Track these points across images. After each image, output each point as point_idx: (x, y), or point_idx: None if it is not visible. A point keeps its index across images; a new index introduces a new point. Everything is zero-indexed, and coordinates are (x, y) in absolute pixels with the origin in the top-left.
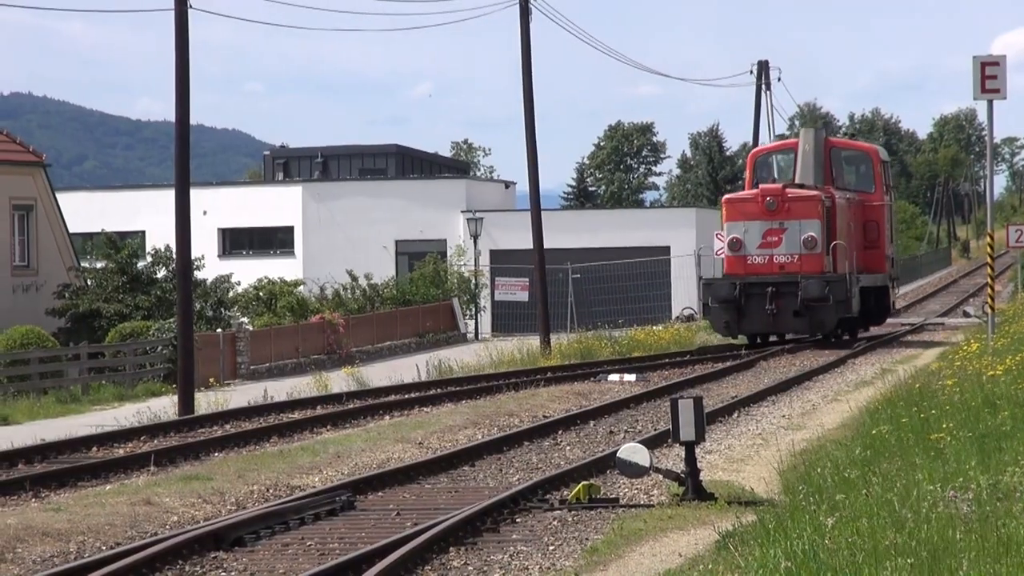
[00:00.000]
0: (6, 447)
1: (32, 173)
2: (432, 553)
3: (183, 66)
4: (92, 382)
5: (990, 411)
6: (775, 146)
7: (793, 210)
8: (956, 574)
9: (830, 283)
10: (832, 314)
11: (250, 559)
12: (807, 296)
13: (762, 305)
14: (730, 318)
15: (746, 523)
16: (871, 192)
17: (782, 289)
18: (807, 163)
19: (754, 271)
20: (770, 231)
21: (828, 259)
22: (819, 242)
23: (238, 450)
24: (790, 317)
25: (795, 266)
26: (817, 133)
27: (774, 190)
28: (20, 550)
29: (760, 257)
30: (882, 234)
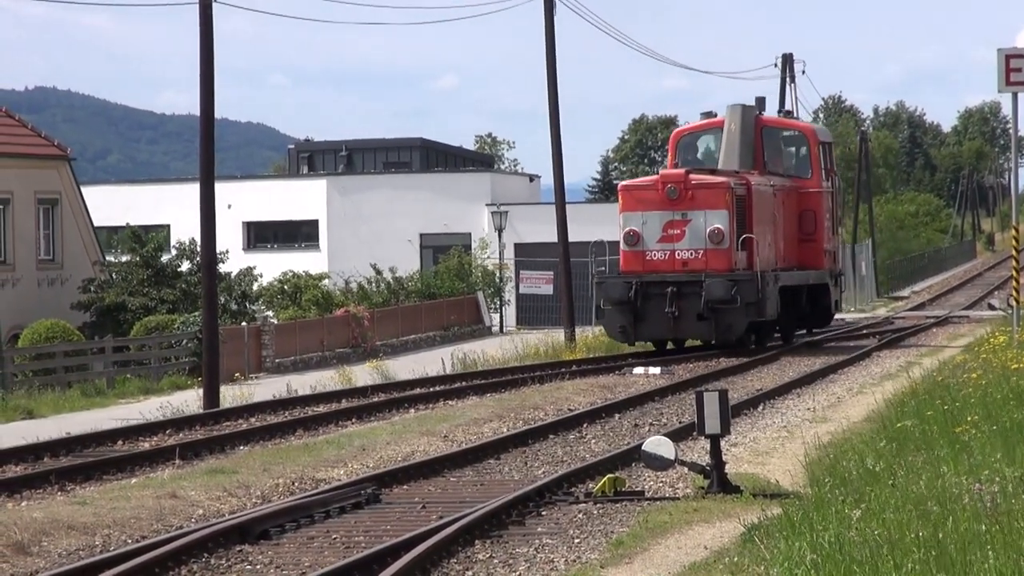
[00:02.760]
0: (32, 440)
1: (57, 167)
2: (458, 546)
3: (207, 60)
4: (117, 376)
5: (1016, 404)
6: (701, 125)
7: (698, 199)
8: (982, 567)
9: (738, 282)
10: (740, 317)
11: (275, 552)
12: (711, 297)
13: (662, 307)
14: (626, 322)
15: (771, 516)
16: (808, 177)
17: (684, 289)
18: (732, 144)
19: (653, 268)
20: (672, 223)
21: (738, 255)
22: (727, 235)
23: (263, 443)
24: (693, 321)
25: (699, 263)
26: (746, 111)
27: (676, 176)
28: (46, 543)
29: (660, 252)
30: (820, 225)
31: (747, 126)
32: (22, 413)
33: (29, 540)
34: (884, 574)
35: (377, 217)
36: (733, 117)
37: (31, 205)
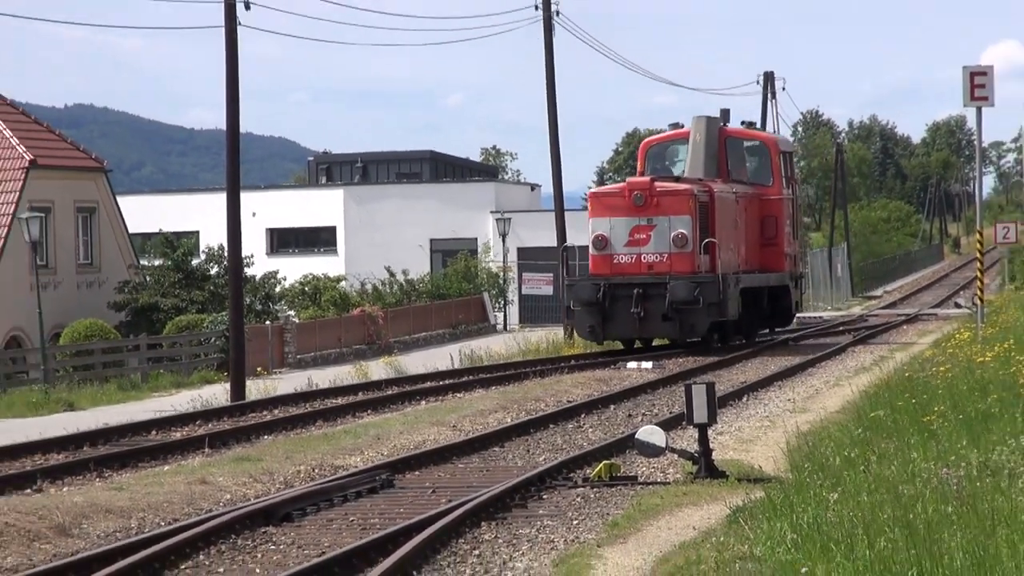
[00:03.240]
0: (72, 431)
1: (94, 178)
2: (465, 527)
3: (233, 78)
4: (151, 371)
5: (979, 395)
6: (668, 136)
7: (662, 205)
8: (949, 545)
9: (701, 284)
10: (703, 317)
11: (297, 533)
12: (675, 298)
13: (628, 308)
14: (594, 322)
15: (755, 499)
16: (769, 185)
17: (650, 291)
18: (697, 154)
19: (620, 271)
20: (638, 228)
21: (701, 258)
22: (690, 239)
23: (286, 433)
24: (658, 321)
25: (664, 266)
26: (710, 122)
27: (641, 183)
28: (85, 526)
29: (627, 256)
30: (780, 230)
31: (711, 137)
32: (63, 405)
33: (70, 523)
34: (859, 552)
35: (390, 224)
36: (698, 128)
37: (71, 213)
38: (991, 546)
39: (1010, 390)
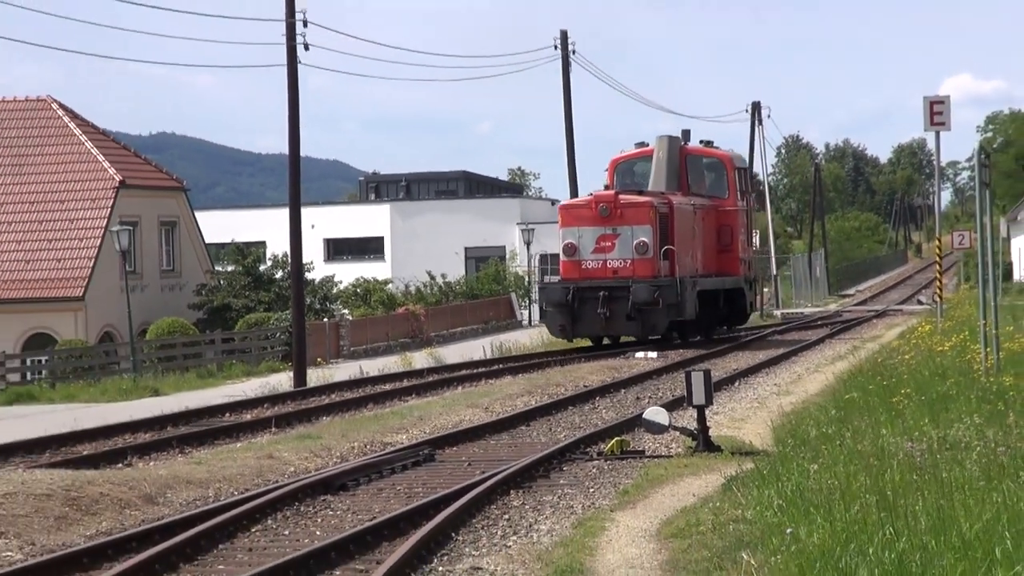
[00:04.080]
0: (157, 413)
1: (175, 196)
2: (496, 495)
3: (294, 109)
4: (224, 361)
5: (939, 379)
6: (634, 153)
7: (626, 216)
8: (914, 508)
9: (661, 287)
10: (663, 317)
11: (352, 501)
12: (637, 300)
13: (595, 309)
14: (565, 322)
15: (746, 469)
16: (725, 198)
17: (614, 293)
18: (660, 170)
19: (588, 275)
20: (603, 236)
21: (662, 263)
22: (651, 247)
23: (341, 414)
24: (623, 320)
25: (627, 270)
26: (672, 141)
27: (607, 196)
28: (169, 495)
29: (594, 262)
30: (735, 238)
31: (673, 154)
32: (150, 391)
33: (156, 492)
34: (837, 515)
35: (430, 234)
36: (661, 146)
37: (155, 226)
38: (949, 509)
39: (965, 375)
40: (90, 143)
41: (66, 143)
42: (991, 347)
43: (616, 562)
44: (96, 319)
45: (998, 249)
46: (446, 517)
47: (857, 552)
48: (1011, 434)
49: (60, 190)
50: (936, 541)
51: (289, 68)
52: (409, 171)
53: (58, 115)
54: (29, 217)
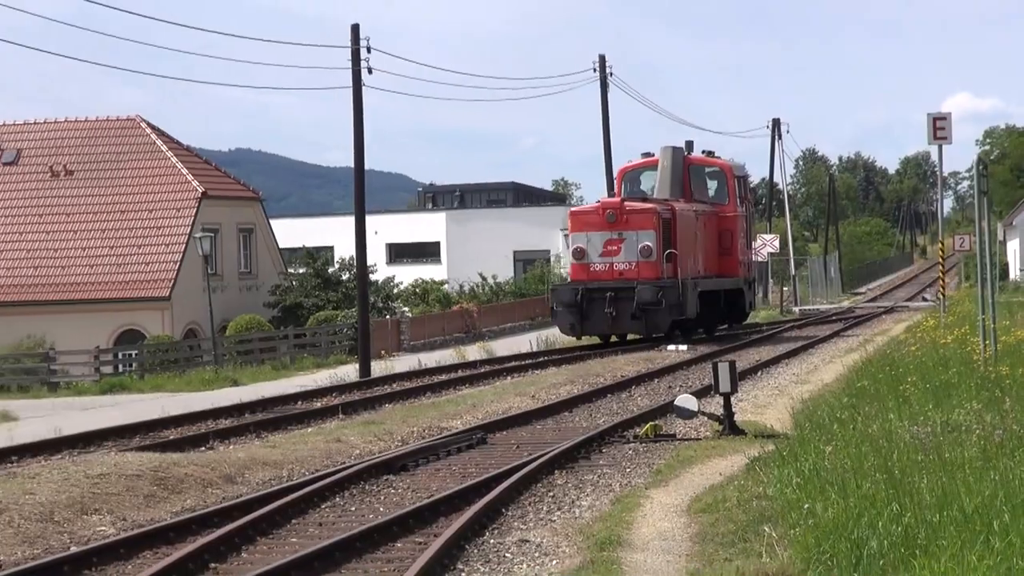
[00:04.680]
0: (236, 401)
1: (252, 206)
2: (542, 474)
3: (359, 126)
4: (296, 355)
5: (942, 368)
6: (642, 163)
7: (631, 221)
8: (919, 486)
9: (663, 288)
10: (665, 316)
11: (412, 480)
12: (641, 300)
13: (602, 308)
14: (574, 320)
15: (767, 451)
16: (726, 204)
17: (620, 294)
18: (665, 178)
19: (596, 277)
20: (610, 241)
21: (665, 266)
22: (654, 250)
23: (402, 402)
24: (628, 319)
25: (632, 273)
26: (675, 152)
27: (613, 203)
28: (247, 475)
29: (601, 264)
30: (735, 242)
31: (676, 163)
32: (229, 382)
33: (235, 473)
34: (850, 491)
35: (482, 239)
36: (665, 156)
37: (234, 233)
38: (951, 486)
39: (966, 365)
40: (175, 158)
41: (154, 158)
42: (989, 340)
43: (650, 535)
44: (181, 316)
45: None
46: (497, 495)
47: (868, 525)
48: (1007, 418)
49: (148, 200)
50: (939, 515)
51: (354, 90)
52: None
53: (146, 133)
54: (120, 225)
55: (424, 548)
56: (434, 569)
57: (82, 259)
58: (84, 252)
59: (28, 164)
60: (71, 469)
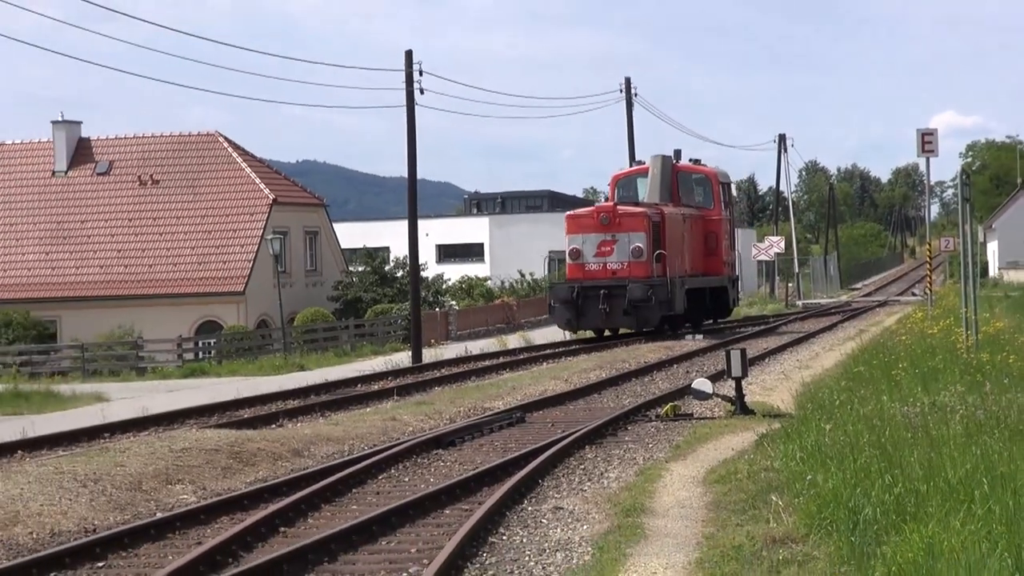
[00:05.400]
0: (303, 384)
1: (316, 211)
2: (574, 448)
3: (412, 140)
4: (356, 343)
5: (929, 356)
6: (633, 170)
7: (623, 224)
8: (908, 459)
9: (653, 286)
10: (655, 312)
11: (459, 454)
12: (632, 297)
13: (596, 305)
14: (571, 316)
15: (774, 429)
16: (711, 208)
17: (613, 291)
18: (654, 184)
19: (590, 276)
20: (604, 242)
21: (654, 265)
22: (645, 251)
23: (450, 385)
24: (620, 315)
25: (624, 272)
26: (664, 160)
27: (607, 207)
28: (312, 449)
29: (596, 264)
30: (720, 243)
31: (665, 171)
32: (297, 367)
33: (302, 447)
34: (847, 464)
35: (521, 241)
36: (655, 164)
37: (301, 235)
38: (937, 459)
39: (951, 352)
40: (249, 169)
41: (230, 169)
42: (971, 330)
43: (670, 503)
44: (254, 309)
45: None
46: (534, 467)
47: (863, 495)
48: (987, 399)
49: (225, 206)
50: (926, 486)
51: (408, 108)
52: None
53: (224, 147)
54: (201, 228)
55: (470, 514)
56: (479, 533)
57: (167, 258)
58: (168, 252)
59: (119, 174)
60: (157, 444)
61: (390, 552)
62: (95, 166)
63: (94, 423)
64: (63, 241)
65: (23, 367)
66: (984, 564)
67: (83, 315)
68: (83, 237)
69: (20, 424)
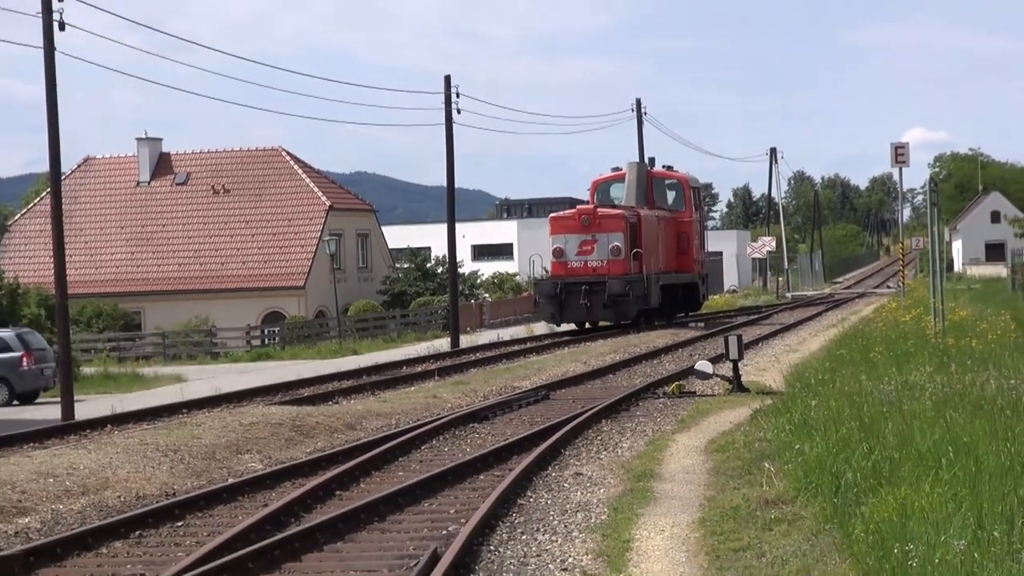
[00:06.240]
0: (355, 367)
1: (367, 216)
2: (592, 422)
3: (450, 154)
4: (402, 331)
5: (902, 340)
6: (611, 176)
7: (603, 225)
8: (884, 431)
9: (630, 282)
10: (633, 306)
11: (492, 427)
12: (612, 292)
13: (578, 300)
14: (554, 310)
15: (767, 404)
16: (683, 211)
17: (594, 287)
18: (631, 189)
19: (573, 273)
20: (585, 242)
21: (632, 263)
22: (623, 250)
23: (484, 367)
24: (600, 309)
25: (604, 269)
26: (640, 166)
27: (588, 210)
28: (364, 423)
29: (577, 262)
30: (691, 243)
31: (641, 176)
32: (350, 351)
33: (355, 421)
34: (830, 435)
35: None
36: (631, 170)
37: (354, 237)
38: (909, 431)
39: (921, 337)
40: (308, 179)
41: (291, 179)
42: (939, 318)
43: (676, 469)
44: (313, 301)
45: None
46: (557, 438)
47: (844, 462)
48: (952, 379)
49: (287, 212)
50: (899, 454)
51: (447, 126)
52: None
53: (286, 159)
54: (266, 231)
55: (501, 479)
56: (509, 496)
57: (236, 257)
58: (238, 252)
59: (195, 184)
60: (228, 419)
61: (432, 513)
62: (174, 177)
63: (173, 401)
64: (146, 243)
65: (112, 352)
66: (950, 522)
67: (164, 307)
68: (163, 239)
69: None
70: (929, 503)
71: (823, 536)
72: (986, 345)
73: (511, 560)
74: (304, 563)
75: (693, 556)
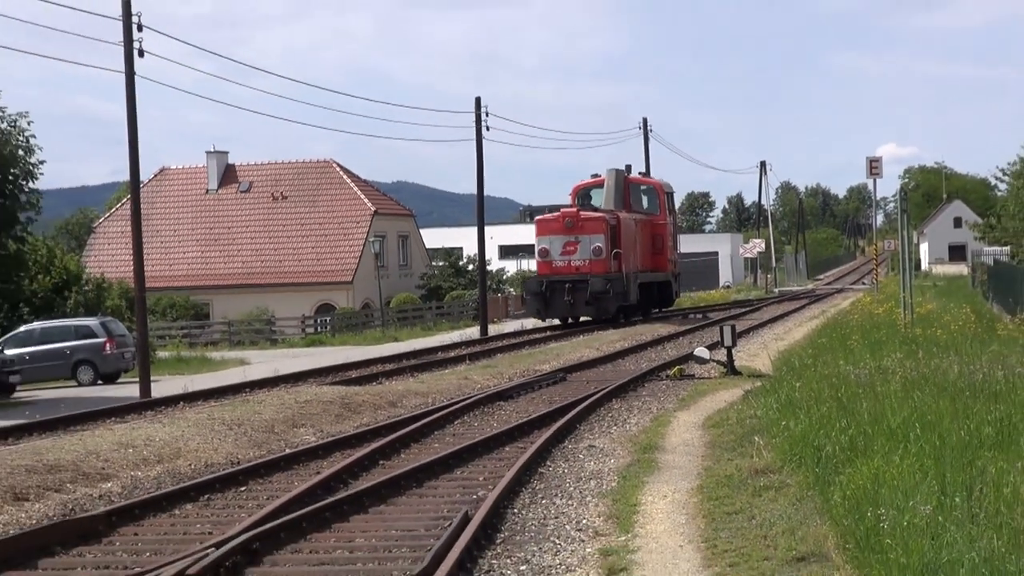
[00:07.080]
0: (397, 352)
1: (407, 220)
2: (604, 400)
3: (480, 165)
4: (437, 321)
5: (876, 330)
6: (591, 182)
7: (585, 227)
8: (859, 409)
9: (611, 280)
10: (613, 302)
11: (515, 405)
12: (594, 290)
13: (562, 297)
14: (540, 306)
15: (757, 386)
16: (658, 215)
17: (577, 285)
18: (610, 194)
19: (557, 272)
20: (568, 243)
21: (612, 263)
22: (604, 250)
23: (509, 352)
24: (583, 305)
25: (586, 268)
26: (618, 173)
27: (571, 213)
28: (404, 401)
29: (561, 262)
30: (665, 244)
31: (619, 182)
32: (392, 339)
33: (396, 400)
34: (812, 413)
35: None
36: (610, 176)
37: (395, 238)
38: (881, 409)
39: (892, 328)
40: (355, 187)
41: (341, 188)
42: (908, 311)
43: (677, 442)
44: (360, 294)
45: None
46: (573, 415)
47: (824, 436)
48: (920, 364)
49: (337, 216)
50: (872, 429)
51: (477, 141)
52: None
53: (336, 170)
54: (318, 232)
55: (524, 451)
56: (531, 465)
57: (293, 255)
58: (294, 251)
59: (257, 192)
60: (285, 397)
61: (463, 480)
62: (238, 186)
63: (238, 381)
64: (214, 243)
65: (184, 339)
66: (917, 489)
67: (229, 299)
68: (229, 240)
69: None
70: (899, 473)
71: (806, 501)
72: (949, 335)
73: (532, 521)
74: (351, 523)
75: (692, 518)
